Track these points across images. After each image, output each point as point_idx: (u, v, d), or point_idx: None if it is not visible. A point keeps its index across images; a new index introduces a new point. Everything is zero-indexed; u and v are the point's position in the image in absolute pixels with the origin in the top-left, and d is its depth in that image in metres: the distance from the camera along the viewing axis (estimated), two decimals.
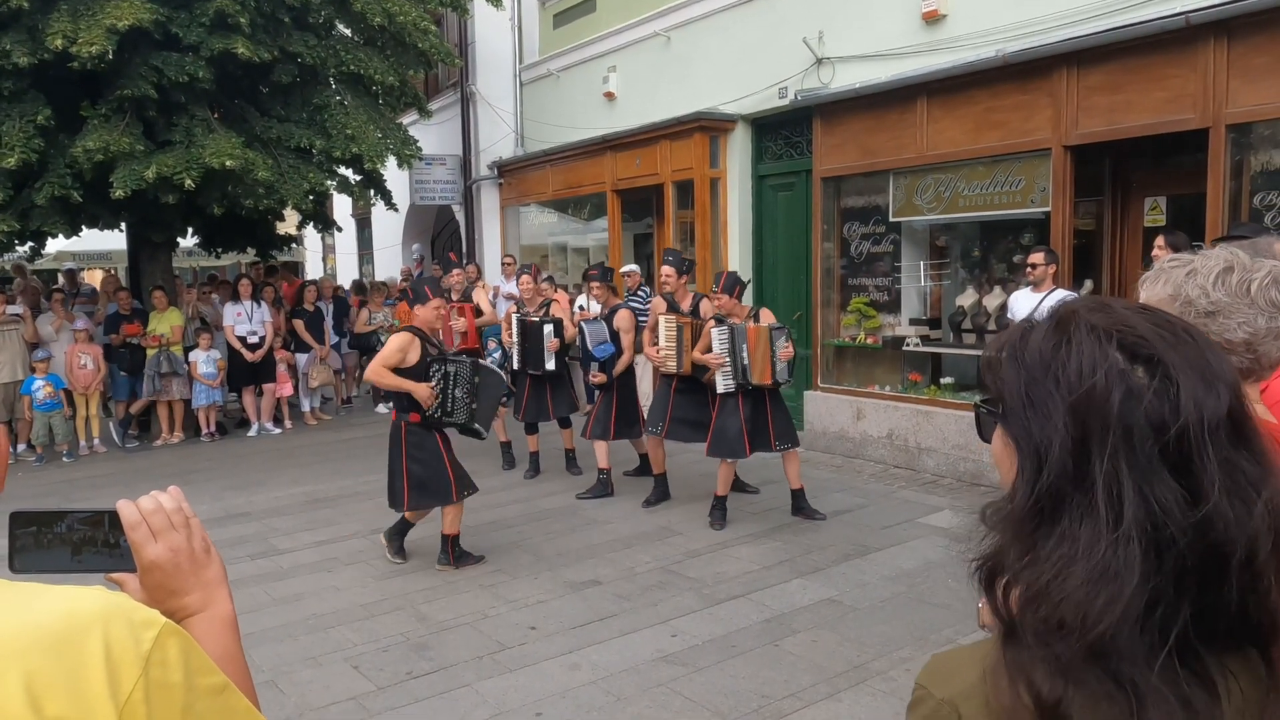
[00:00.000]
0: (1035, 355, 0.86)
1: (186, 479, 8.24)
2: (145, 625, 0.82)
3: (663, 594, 5.10)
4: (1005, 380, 0.89)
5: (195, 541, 1.06)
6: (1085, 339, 0.84)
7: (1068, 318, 0.88)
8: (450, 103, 14.30)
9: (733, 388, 6.15)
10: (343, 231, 16.23)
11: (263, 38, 9.14)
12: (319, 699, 4.00)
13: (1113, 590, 0.76)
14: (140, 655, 0.79)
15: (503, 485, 7.70)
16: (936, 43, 7.45)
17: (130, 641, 0.80)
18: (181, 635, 0.84)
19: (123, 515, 1.02)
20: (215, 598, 1.06)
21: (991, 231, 8.03)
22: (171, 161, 8.58)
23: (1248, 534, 0.78)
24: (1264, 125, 5.91)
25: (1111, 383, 0.81)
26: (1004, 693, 0.80)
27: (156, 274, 10.82)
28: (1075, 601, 0.77)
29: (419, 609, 5.00)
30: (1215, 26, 5.80)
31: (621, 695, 3.95)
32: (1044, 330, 0.88)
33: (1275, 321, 1.52)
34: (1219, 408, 0.81)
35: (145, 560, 1.02)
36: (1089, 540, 0.78)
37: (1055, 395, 0.83)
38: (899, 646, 4.33)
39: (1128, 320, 0.85)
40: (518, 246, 13.53)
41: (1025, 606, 0.81)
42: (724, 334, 6.14)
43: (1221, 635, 0.80)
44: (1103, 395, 0.81)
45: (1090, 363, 0.82)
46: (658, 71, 10.42)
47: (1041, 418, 0.83)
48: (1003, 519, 0.85)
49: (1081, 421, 0.81)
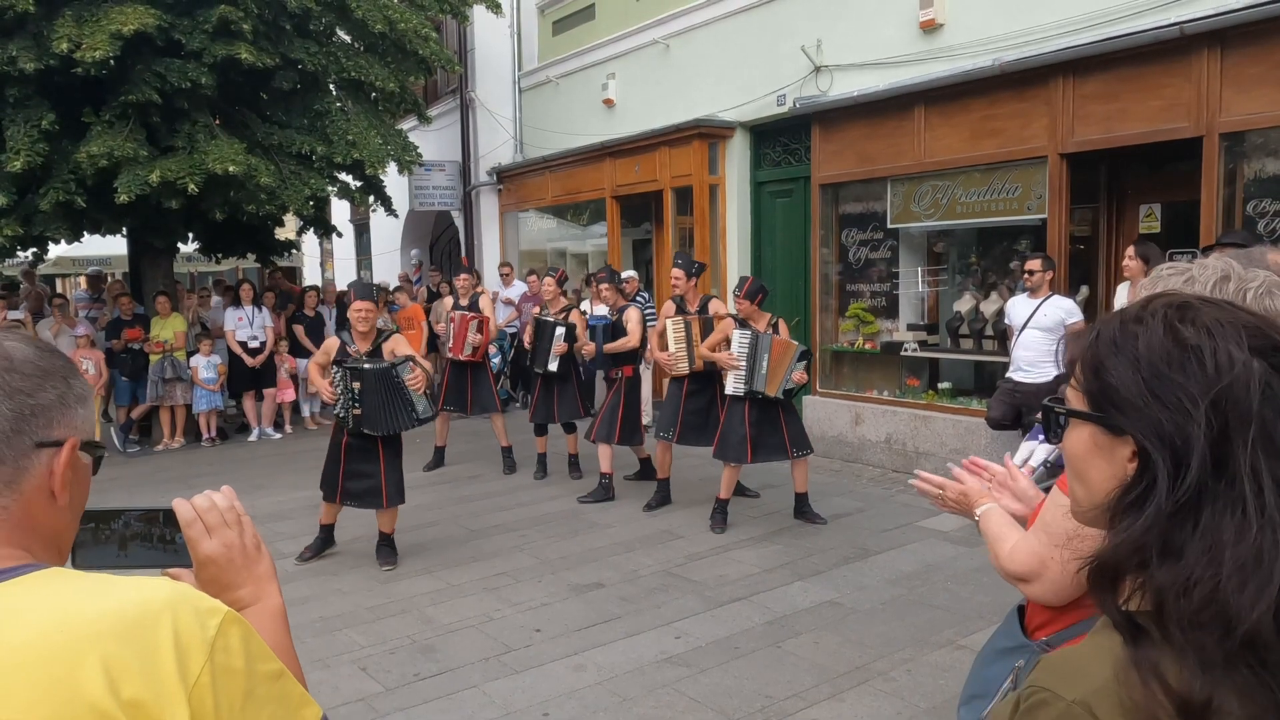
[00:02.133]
0: (1156, 350, 0.87)
1: (188, 484, 8.27)
2: (210, 613, 0.88)
3: (665, 596, 5.16)
4: (1114, 377, 0.89)
5: (247, 538, 1.12)
6: (1212, 332, 0.86)
7: (1178, 313, 0.89)
8: (450, 109, 14.36)
9: (742, 392, 6.22)
10: (342, 237, 16.27)
11: (265, 44, 9.20)
12: (328, 700, 4.04)
13: (1262, 577, 0.77)
14: (206, 641, 0.85)
15: (505, 489, 7.75)
16: (934, 51, 7.53)
17: (197, 628, 0.85)
18: (242, 623, 0.90)
19: (178, 512, 1.08)
20: (266, 591, 1.12)
21: (988, 238, 8.11)
22: (175, 166, 8.63)
23: None
24: (1256, 134, 6.00)
25: (1250, 376, 0.83)
26: (1139, 690, 0.80)
27: (158, 279, 10.86)
28: (1229, 589, 0.77)
29: (424, 612, 5.05)
30: (1209, 37, 5.89)
31: (627, 696, 4.00)
32: (1158, 326, 0.88)
33: None
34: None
35: (200, 555, 1.08)
36: (1236, 530, 0.79)
37: (1190, 389, 0.84)
38: (900, 647, 4.39)
39: (1239, 315, 0.88)
40: (516, 252, 13.59)
41: (1172, 603, 0.80)
42: (745, 337, 6.21)
43: None
44: (1242, 388, 0.82)
45: (1226, 356, 0.84)
46: (657, 78, 10.50)
47: (1177, 414, 0.84)
48: (1141, 517, 0.84)
49: (1224, 414, 0.82)
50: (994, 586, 5.04)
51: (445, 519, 6.87)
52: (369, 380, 5.53)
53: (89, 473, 1.04)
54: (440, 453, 8.63)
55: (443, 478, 8.26)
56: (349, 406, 5.58)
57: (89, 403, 1.01)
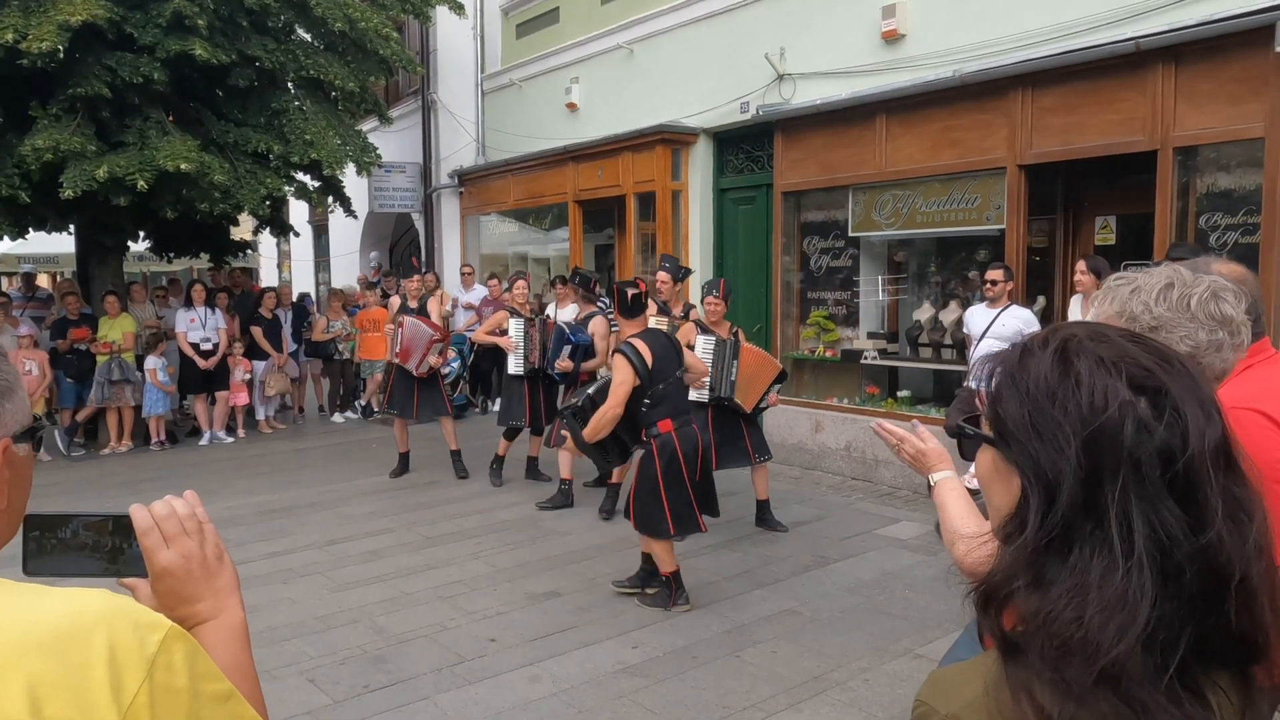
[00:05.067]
0: (1040, 384, 0.87)
1: (135, 489, 8.05)
2: (151, 628, 0.81)
3: (623, 605, 5.09)
4: (1005, 407, 0.89)
5: (208, 548, 1.04)
6: (1093, 370, 0.85)
7: (1069, 346, 0.88)
8: (411, 110, 14.21)
9: (708, 399, 6.18)
10: (300, 237, 16.01)
11: (220, 40, 9.02)
12: (273, 714, 3.89)
13: (1126, 617, 0.78)
14: (145, 658, 0.79)
15: (462, 496, 7.64)
16: (896, 61, 7.58)
17: (135, 644, 0.79)
18: (187, 640, 0.83)
19: (135, 520, 1.01)
20: (227, 605, 1.05)
21: (948, 247, 8.17)
22: (124, 162, 8.41)
23: (1244, 557, 0.81)
24: (1209, 148, 6.10)
25: (1124, 415, 0.82)
26: (1009, 706, 0.81)
27: (107, 278, 10.59)
28: (1091, 628, 0.78)
29: (376, 621, 4.93)
30: (1164, 52, 5.98)
31: (583, 707, 3.93)
32: (1047, 359, 0.88)
33: (1215, 335, 1.58)
34: (1217, 436, 0.83)
35: (157, 566, 1.01)
36: (1102, 569, 0.80)
37: (1065, 427, 0.84)
38: (858, 657, 4.37)
39: (1129, 351, 0.87)
40: (478, 256, 13.47)
41: (1035, 632, 0.81)
42: (710, 343, 6.18)
43: (1214, 656, 0.83)
44: (1115, 428, 0.82)
45: (1101, 395, 0.83)
46: (620, 83, 10.46)
47: (1052, 449, 0.84)
48: (1012, 547, 0.86)
49: (1094, 454, 0.82)
50: (952, 595, 5.01)
51: (399, 526, 6.75)
52: None
53: (29, 467, 0.97)
54: (405, 458, 8.47)
55: (399, 484, 8.13)
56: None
57: (16, 394, 0.94)
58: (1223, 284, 1.62)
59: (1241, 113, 5.75)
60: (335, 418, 11.72)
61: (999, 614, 0.86)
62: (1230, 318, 1.59)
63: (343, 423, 11.57)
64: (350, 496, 7.70)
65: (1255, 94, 5.67)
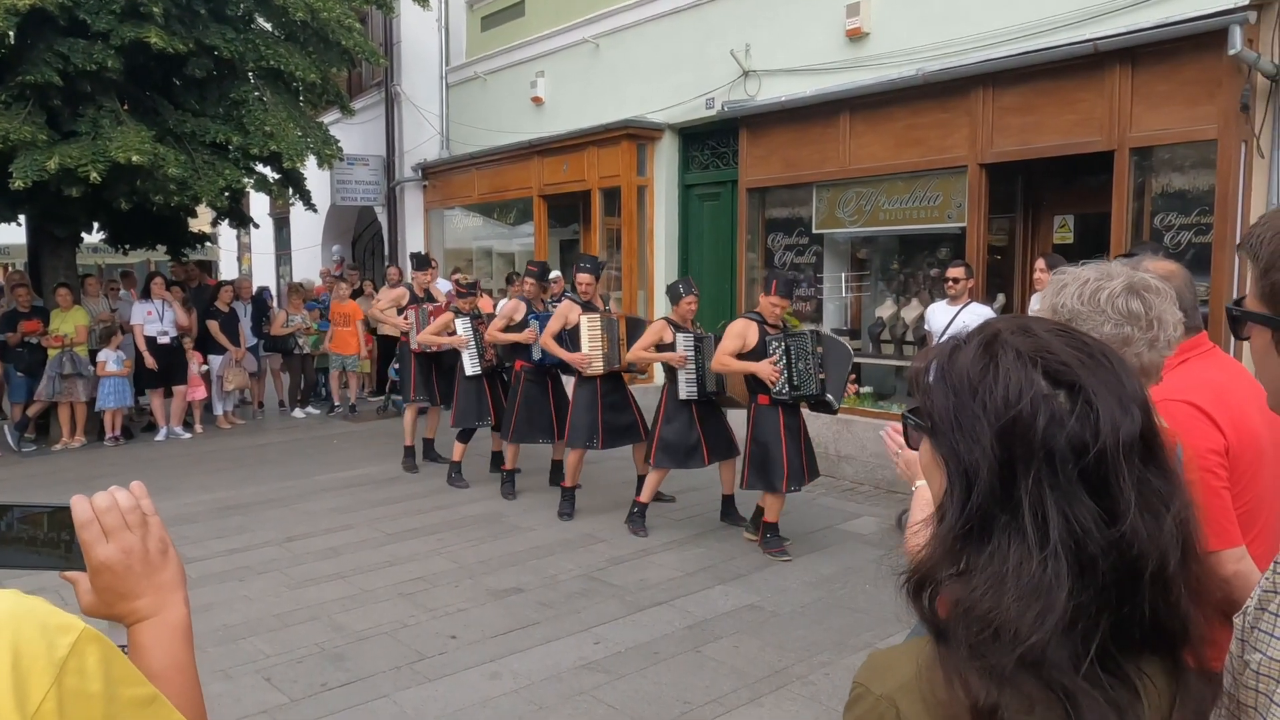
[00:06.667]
0: (963, 377, 0.88)
1: (88, 485, 7.87)
2: (61, 630, 0.77)
3: (586, 601, 5.08)
4: (934, 399, 0.91)
5: (151, 542, 1.00)
6: (1011, 364, 0.86)
7: (993, 340, 0.90)
8: (374, 102, 14.05)
9: (696, 395, 6.16)
10: (260, 230, 15.76)
11: (177, 28, 8.84)
12: (228, 713, 3.86)
13: (1043, 605, 0.80)
14: (53, 662, 0.74)
15: (424, 492, 7.57)
16: (860, 60, 7.63)
17: (42, 647, 0.74)
18: (102, 642, 0.79)
19: (75, 512, 0.97)
20: (169, 602, 1.01)
21: (910, 245, 8.24)
22: (75, 153, 8.21)
23: (1159, 548, 0.83)
24: (1164, 149, 6.21)
25: (1036, 408, 0.84)
26: (940, 688, 0.82)
27: (59, 270, 10.33)
28: (1008, 616, 0.80)
29: (335, 619, 4.87)
30: (1121, 54, 6.07)
31: (543, 704, 3.91)
32: (971, 352, 0.90)
33: (1122, 329, 1.61)
34: (1133, 429, 0.85)
35: (95, 561, 0.97)
36: (1018, 559, 0.82)
37: (982, 419, 0.85)
38: (819, 651, 4.40)
39: (1050, 345, 0.88)
40: (441, 250, 13.35)
41: (958, 619, 0.83)
42: (689, 339, 6.15)
43: (1136, 642, 0.84)
44: (1028, 421, 0.83)
45: (1016, 388, 0.85)
46: (586, 78, 10.42)
47: (969, 440, 0.86)
48: (933, 535, 0.88)
49: (1008, 446, 0.84)
50: None
51: (361, 522, 6.67)
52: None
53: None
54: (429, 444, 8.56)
55: (360, 480, 8.03)
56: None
57: None
58: (1145, 280, 1.65)
59: (1196, 114, 5.86)
60: (296, 413, 11.56)
61: (931, 600, 0.87)
62: (1139, 313, 1.62)
63: (303, 418, 11.42)
64: (310, 493, 7.60)
65: (1209, 96, 5.78)
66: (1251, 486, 1.85)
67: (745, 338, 5.70)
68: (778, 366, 5.60)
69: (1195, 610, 0.85)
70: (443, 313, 7.89)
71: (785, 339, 5.65)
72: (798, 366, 5.60)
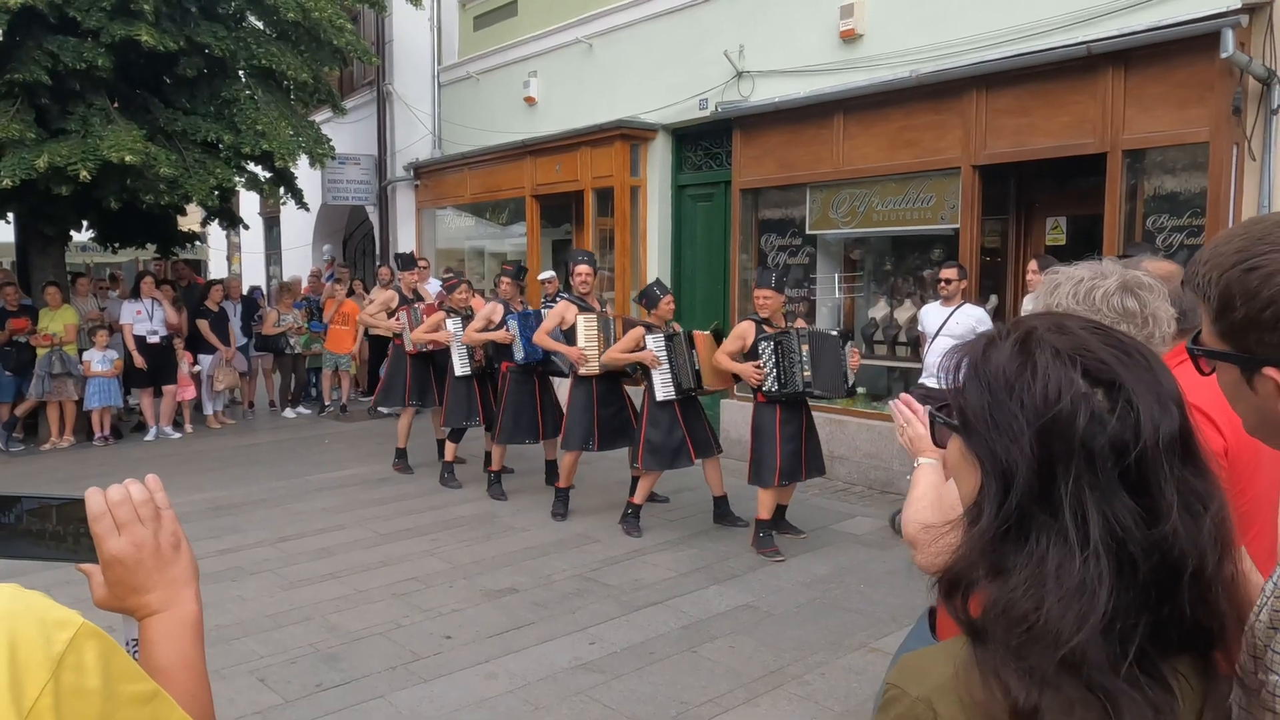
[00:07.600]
0: (999, 375, 0.87)
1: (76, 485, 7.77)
2: (60, 625, 0.76)
3: (580, 601, 5.07)
4: (968, 397, 0.90)
5: (163, 536, 1.00)
6: (1049, 362, 0.86)
7: (1028, 338, 0.89)
8: (366, 101, 14.00)
9: (674, 395, 6.16)
10: (250, 229, 15.69)
11: (168, 26, 8.79)
12: (222, 714, 3.81)
13: (1084, 606, 0.79)
14: (50, 658, 0.73)
15: (417, 492, 7.55)
16: (853, 61, 7.64)
17: (40, 642, 0.73)
18: (101, 638, 0.78)
19: (89, 504, 0.96)
20: (180, 597, 1.00)
21: (903, 246, 8.26)
22: (65, 151, 8.16)
23: (1199, 548, 0.82)
24: (1156, 151, 6.24)
25: (1076, 407, 0.83)
26: (978, 689, 0.82)
27: (48, 269, 10.27)
28: (1049, 617, 0.79)
29: (329, 619, 4.85)
30: (1114, 56, 6.10)
31: (539, 704, 3.90)
32: (1007, 350, 0.89)
33: (1118, 327, 1.62)
34: (1173, 428, 0.84)
35: (106, 554, 0.96)
36: (1058, 559, 0.81)
37: (1020, 418, 0.84)
38: (814, 651, 4.40)
39: (1087, 343, 0.87)
40: (433, 250, 13.31)
41: (996, 620, 0.82)
42: (659, 340, 6.15)
43: (1173, 642, 0.84)
44: (1068, 420, 0.83)
45: (1055, 387, 0.84)
46: (579, 78, 10.41)
47: (1007, 440, 0.85)
48: (967, 535, 0.87)
49: (1047, 445, 0.83)
50: (906, 589, 5.10)
51: (353, 523, 6.65)
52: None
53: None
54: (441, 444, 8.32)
55: (352, 480, 8.01)
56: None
57: None
58: (1139, 279, 1.66)
59: (1187, 117, 5.88)
60: (286, 413, 11.52)
61: (965, 601, 0.86)
62: (1134, 311, 1.62)
63: (294, 418, 11.37)
64: (302, 493, 7.57)
65: (1201, 99, 5.81)
66: (1249, 487, 1.86)
67: (745, 338, 5.85)
68: (764, 368, 5.71)
69: (1230, 610, 0.85)
70: (435, 312, 7.88)
71: (774, 339, 5.74)
72: (784, 365, 5.71)
